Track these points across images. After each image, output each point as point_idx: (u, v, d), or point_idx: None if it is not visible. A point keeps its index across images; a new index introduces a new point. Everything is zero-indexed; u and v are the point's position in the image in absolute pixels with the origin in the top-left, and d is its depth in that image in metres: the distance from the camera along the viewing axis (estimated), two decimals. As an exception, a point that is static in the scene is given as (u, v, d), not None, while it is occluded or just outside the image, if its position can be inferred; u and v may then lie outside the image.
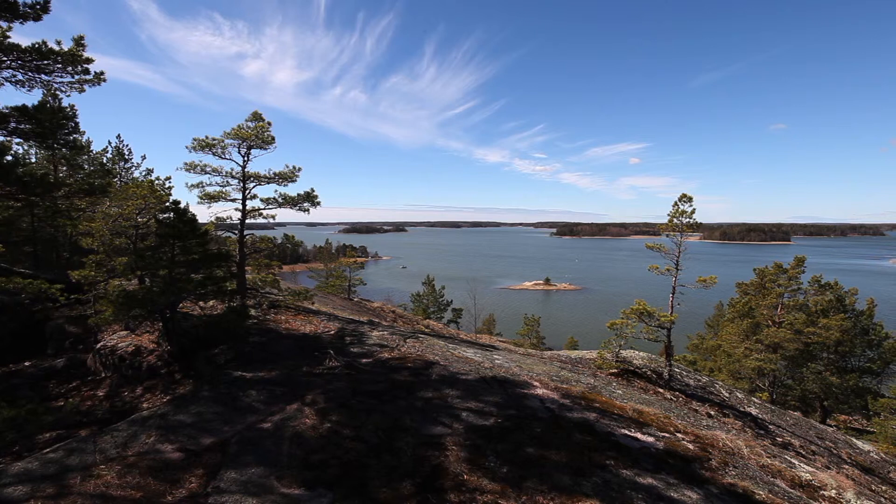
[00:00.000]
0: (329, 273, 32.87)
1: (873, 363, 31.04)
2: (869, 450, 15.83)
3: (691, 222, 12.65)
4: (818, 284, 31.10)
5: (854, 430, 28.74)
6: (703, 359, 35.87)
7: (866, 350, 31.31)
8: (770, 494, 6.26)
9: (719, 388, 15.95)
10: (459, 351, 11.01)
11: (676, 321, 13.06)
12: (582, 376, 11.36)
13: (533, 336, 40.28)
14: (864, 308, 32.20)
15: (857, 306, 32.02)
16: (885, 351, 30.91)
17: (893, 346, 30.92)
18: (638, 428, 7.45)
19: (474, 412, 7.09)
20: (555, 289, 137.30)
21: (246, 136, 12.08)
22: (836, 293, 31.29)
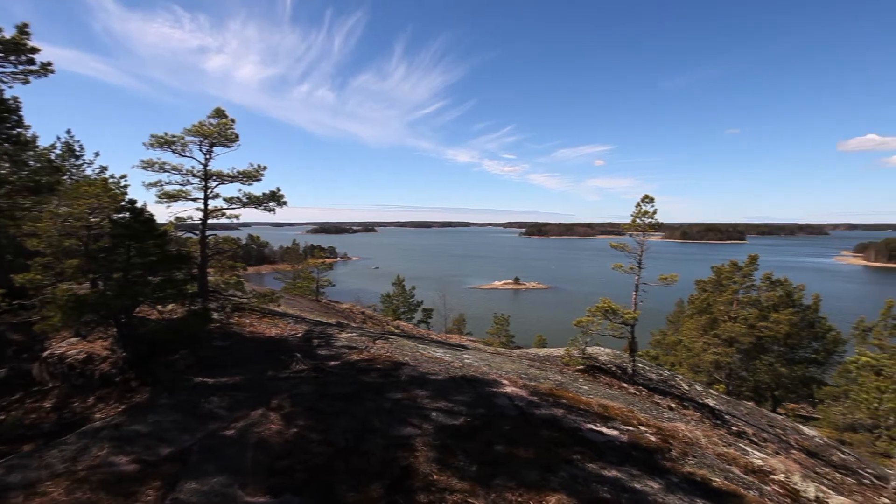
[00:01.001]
0: (296, 274, 32.18)
1: (818, 354, 33.10)
2: (814, 435, 16.85)
3: (653, 222, 13.11)
4: (769, 281, 32.88)
5: (801, 417, 30.50)
6: (665, 353, 37.23)
7: (812, 342, 33.37)
8: (725, 481, 6.56)
9: (680, 381, 16.58)
10: (429, 351, 11.00)
11: (640, 318, 13.50)
12: (550, 373, 11.57)
13: (502, 335, 40.72)
14: (810, 303, 34.27)
15: (804, 301, 34.06)
16: (828, 343, 33.00)
17: (836, 338, 33.04)
18: (603, 422, 7.66)
19: (444, 412, 7.11)
20: (524, 288, 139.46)
21: (208, 133, 11.66)
22: (786, 289, 33.19)
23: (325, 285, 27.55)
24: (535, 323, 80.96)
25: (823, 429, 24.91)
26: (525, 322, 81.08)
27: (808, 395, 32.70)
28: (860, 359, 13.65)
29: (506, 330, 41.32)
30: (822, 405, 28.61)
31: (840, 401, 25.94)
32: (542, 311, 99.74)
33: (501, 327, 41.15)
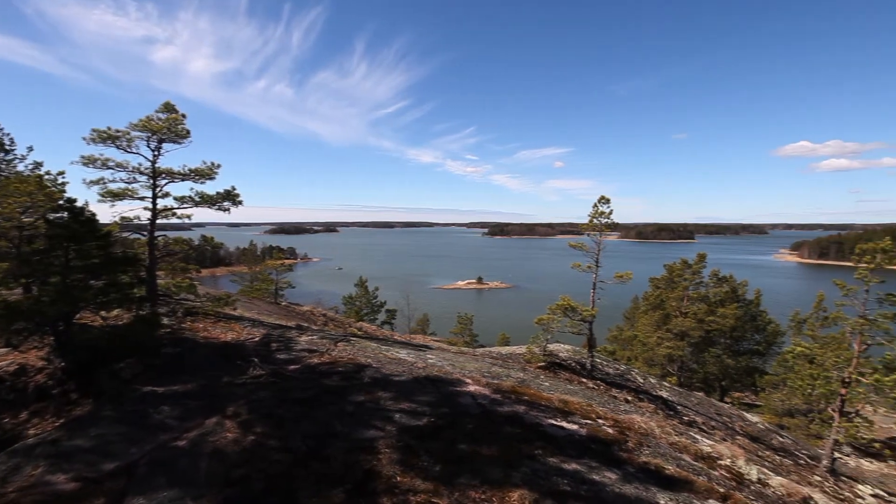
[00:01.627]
0: (254, 276, 31.06)
1: (760, 345, 35.40)
2: (756, 421, 17.99)
3: (609, 222, 13.58)
4: (716, 278, 34.85)
5: (745, 404, 32.48)
6: (622, 348, 38.68)
7: (755, 334, 35.66)
8: (677, 468, 6.88)
9: (635, 374, 17.26)
10: (392, 352, 10.92)
11: (597, 315, 13.96)
12: (512, 371, 11.75)
13: (466, 334, 41.00)
14: (752, 298, 36.59)
15: (747, 296, 36.33)
16: (769, 334, 35.34)
17: (775, 330, 35.42)
18: (563, 417, 7.85)
19: (407, 413, 7.07)
20: (487, 287, 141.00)
21: (156, 128, 11.06)
22: (731, 285, 35.27)
23: (284, 287, 26.75)
24: (499, 322, 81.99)
25: (765, 415, 26.65)
26: (488, 321, 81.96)
27: (751, 384, 34.91)
28: (796, 349, 14.71)
29: (469, 329, 41.63)
30: (763, 393, 30.59)
31: (779, 388, 27.81)
32: (504, 310, 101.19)
33: (465, 327, 41.42)
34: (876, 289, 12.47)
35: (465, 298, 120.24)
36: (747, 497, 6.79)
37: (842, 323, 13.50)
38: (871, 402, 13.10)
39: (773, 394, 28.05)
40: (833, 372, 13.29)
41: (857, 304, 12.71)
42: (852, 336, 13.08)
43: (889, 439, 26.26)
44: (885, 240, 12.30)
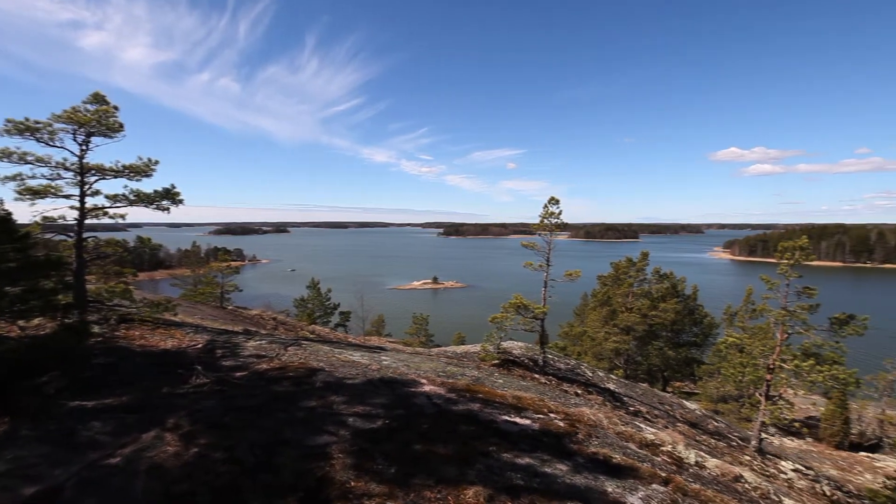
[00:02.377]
0: (197, 279, 29.46)
1: (697, 337, 37.85)
2: (694, 408, 19.20)
3: (559, 222, 14.03)
4: (658, 275, 36.89)
5: (685, 393, 34.63)
6: (572, 344, 40.07)
7: (692, 327, 38.10)
8: (624, 456, 7.21)
9: (584, 369, 17.94)
10: (346, 355, 10.71)
11: (549, 312, 14.38)
12: (467, 369, 11.87)
13: (422, 334, 40.97)
14: (690, 293, 39.06)
15: (685, 292, 38.73)
16: (705, 327, 37.86)
17: (710, 323, 37.99)
18: (517, 413, 8.02)
19: (361, 416, 6.95)
20: (442, 287, 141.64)
21: (84, 120, 10.21)
22: (671, 282, 37.47)
23: (230, 291, 25.55)
24: (454, 321, 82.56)
25: (702, 402, 28.56)
26: (444, 321, 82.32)
27: (690, 373, 37.31)
28: (728, 339, 15.85)
29: (425, 329, 41.63)
30: (700, 381, 32.77)
31: (714, 377, 29.91)
32: (460, 310, 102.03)
33: (420, 327, 41.38)
34: (795, 283, 13.69)
35: (421, 298, 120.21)
36: (686, 479, 7.23)
37: (767, 314, 14.71)
38: (791, 385, 14.35)
39: (709, 382, 30.14)
40: (760, 360, 14.44)
41: (780, 297, 13.89)
42: (776, 326, 14.28)
43: (807, 419, 28.93)
44: (802, 238, 13.52)
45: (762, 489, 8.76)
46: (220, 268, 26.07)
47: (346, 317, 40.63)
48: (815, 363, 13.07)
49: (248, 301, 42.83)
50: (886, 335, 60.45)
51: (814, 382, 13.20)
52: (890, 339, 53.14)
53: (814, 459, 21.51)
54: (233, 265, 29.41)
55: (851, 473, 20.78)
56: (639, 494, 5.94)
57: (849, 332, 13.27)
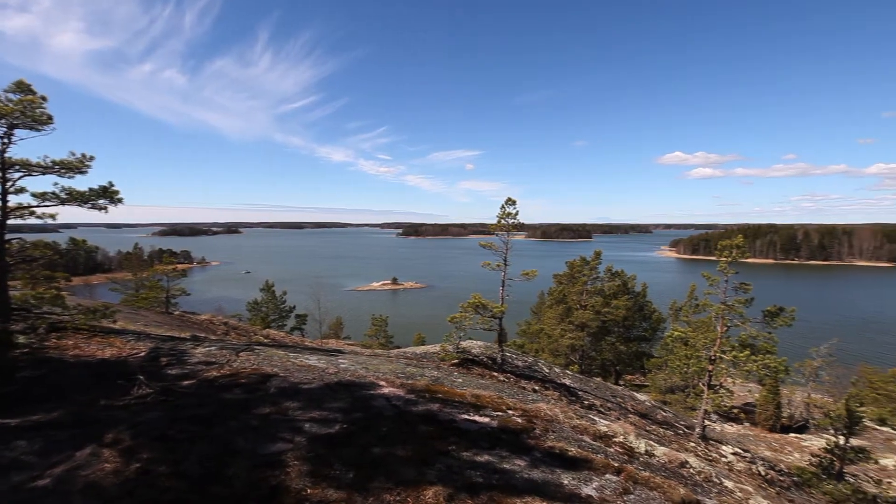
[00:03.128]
0: (139, 284, 27.69)
1: (647, 332, 39.71)
2: (644, 399, 20.13)
3: (515, 223, 14.30)
4: (610, 273, 38.39)
5: (636, 385, 36.24)
6: (530, 342, 41.00)
7: (642, 322, 39.93)
8: (579, 449, 7.44)
9: (541, 365, 18.38)
10: (302, 359, 10.41)
11: (507, 311, 14.62)
12: (426, 370, 11.85)
13: (381, 336, 40.55)
14: (640, 290, 40.91)
15: (635, 289, 40.54)
16: (653, 322, 39.74)
17: (658, 318, 39.91)
18: (476, 411, 8.09)
19: (318, 422, 6.78)
20: (402, 288, 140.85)
21: (6, 111, 9.33)
22: (622, 279, 39.10)
23: (177, 295, 24.18)
24: (414, 322, 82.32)
25: (651, 393, 29.97)
26: (404, 322, 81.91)
27: (640, 366, 39.10)
28: (674, 333, 16.73)
29: (384, 331, 41.24)
30: (650, 374, 34.37)
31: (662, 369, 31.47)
32: (420, 310, 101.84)
33: (380, 329, 40.95)
34: (733, 279, 14.65)
35: (381, 300, 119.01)
36: (637, 468, 7.55)
37: (708, 309, 15.66)
38: (730, 375, 15.34)
39: (657, 374, 31.69)
40: (703, 352, 15.33)
41: (720, 292, 14.81)
42: (716, 320, 15.22)
43: (744, 405, 31.04)
44: (738, 238, 14.49)
45: (705, 473, 9.30)
46: (165, 271, 24.61)
47: (302, 320, 39.56)
48: (750, 353, 14.05)
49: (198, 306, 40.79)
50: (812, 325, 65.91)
51: (750, 371, 14.19)
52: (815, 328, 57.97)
53: (750, 442, 23.11)
54: (179, 268, 27.84)
55: (783, 453, 22.51)
56: (593, 485, 6.14)
57: (779, 323, 14.35)
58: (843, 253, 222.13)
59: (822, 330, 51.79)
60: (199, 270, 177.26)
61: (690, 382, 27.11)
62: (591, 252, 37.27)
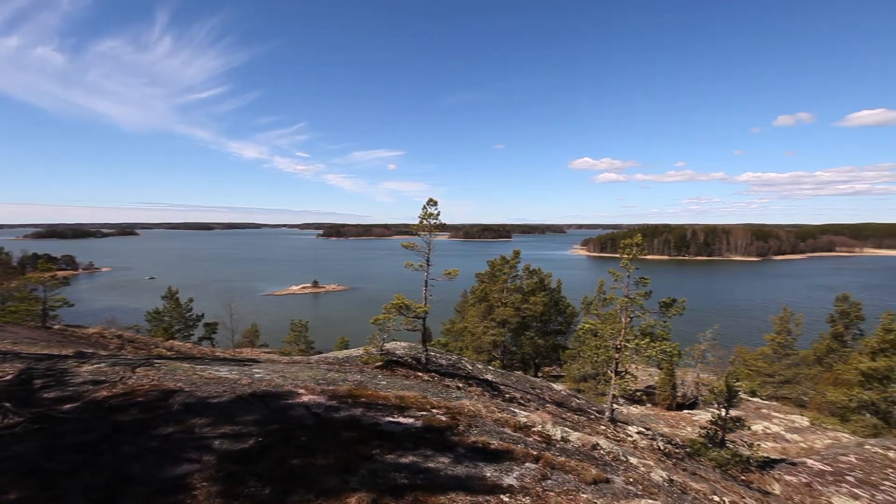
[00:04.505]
0: (6, 295, 23.78)
1: (562, 326, 42.21)
2: (560, 389, 21.37)
3: (437, 223, 14.45)
4: (529, 271, 40.30)
5: (553, 376, 38.39)
6: (454, 340, 41.72)
7: (558, 317, 42.39)
8: (500, 441, 7.69)
9: (465, 363, 18.77)
10: (211, 371, 9.63)
11: (430, 311, 14.72)
12: (349, 374, 11.55)
13: (301, 342, 38.87)
14: (555, 286, 43.39)
15: (551, 285, 42.93)
16: (568, 316, 42.35)
17: (572, 312, 42.60)
18: (400, 412, 8.03)
19: (230, 437, 6.30)
20: (324, 290, 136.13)
21: None
22: (540, 277, 41.24)
23: (58, 306, 21.13)
24: (337, 325, 79.99)
25: (567, 383, 31.94)
26: (326, 326, 79.25)
27: (556, 358, 41.52)
28: (585, 326, 18.00)
29: (304, 336, 39.58)
30: (565, 365, 36.59)
31: (576, 359, 33.66)
32: (343, 313, 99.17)
33: (299, 334, 39.21)
34: (634, 274, 16.08)
35: (300, 304, 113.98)
36: (554, 454, 7.98)
37: (614, 302, 17.03)
38: (634, 361, 16.80)
39: (572, 365, 33.83)
40: (610, 342, 16.64)
41: (623, 286, 16.19)
42: (621, 312, 16.60)
43: (646, 388, 34.22)
44: (637, 237, 15.95)
45: (614, 453, 10.09)
46: (41, 279, 21.37)
47: (212, 329, 36.64)
48: (650, 341, 15.54)
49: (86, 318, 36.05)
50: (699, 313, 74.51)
51: (650, 357, 15.68)
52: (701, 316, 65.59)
53: (652, 421, 25.56)
54: (60, 275, 24.36)
55: (678, 428, 25.17)
56: (514, 474, 6.38)
57: (673, 312, 16.04)
58: (723, 249, 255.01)
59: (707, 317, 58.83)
60: (87, 278, 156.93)
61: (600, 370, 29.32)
62: (510, 251, 38.88)
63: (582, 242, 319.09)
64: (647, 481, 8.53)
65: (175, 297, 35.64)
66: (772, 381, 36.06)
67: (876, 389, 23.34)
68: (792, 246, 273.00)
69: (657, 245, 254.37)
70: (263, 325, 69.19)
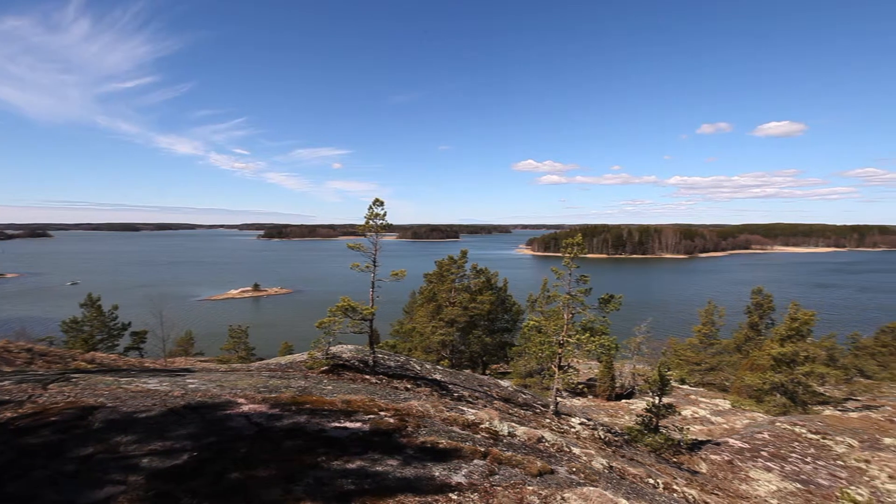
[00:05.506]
0: None
1: (508, 324, 43.18)
2: (507, 385, 21.86)
3: (384, 223, 14.30)
4: (476, 271, 40.85)
5: (500, 373, 39.21)
6: (403, 341, 41.46)
7: (504, 315, 43.33)
8: (449, 440, 7.73)
9: (413, 363, 18.71)
10: (138, 384, 8.92)
11: (378, 312, 14.52)
12: (293, 380, 11.14)
13: (241, 348, 37.02)
14: (502, 285, 44.33)
15: (498, 284, 43.82)
16: (514, 314, 43.40)
17: (518, 310, 43.70)
18: (347, 417, 7.86)
19: (160, 454, 5.87)
20: (265, 294, 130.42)
21: None
22: (487, 276, 41.95)
23: (-49, 318, 18.63)
24: (280, 330, 76.96)
25: (514, 379, 32.73)
26: (268, 331, 76.05)
27: (504, 355, 42.44)
28: (530, 323, 18.54)
29: (244, 343, 37.74)
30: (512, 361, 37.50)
31: (522, 356, 34.58)
32: (286, 317, 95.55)
33: (239, 340, 37.34)
34: (576, 272, 16.78)
35: (240, 309, 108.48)
36: (501, 449, 8.15)
37: (557, 299, 17.68)
38: (576, 355, 17.55)
39: (518, 361, 34.73)
40: (553, 337, 17.25)
41: (565, 284, 16.84)
42: (564, 308, 17.26)
43: (588, 380, 35.84)
44: (577, 236, 16.66)
45: (558, 444, 10.47)
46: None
47: (140, 338, 33.97)
48: (590, 335, 16.28)
49: (-15, 330, 32.16)
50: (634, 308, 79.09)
51: (590, 351, 16.43)
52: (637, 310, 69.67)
53: (593, 412, 26.80)
54: (-46, 284, 21.50)
55: (617, 417, 26.57)
56: (462, 472, 6.44)
57: (611, 308, 16.92)
58: (655, 248, 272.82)
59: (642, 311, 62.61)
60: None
61: (545, 365, 30.33)
62: (458, 251, 39.25)
63: (527, 242, 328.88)
64: (589, 469, 8.93)
65: (97, 304, 32.65)
66: (699, 369, 39.04)
67: (784, 372, 25.95)
68: (715, 244, 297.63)
69: (596, 244, 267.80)
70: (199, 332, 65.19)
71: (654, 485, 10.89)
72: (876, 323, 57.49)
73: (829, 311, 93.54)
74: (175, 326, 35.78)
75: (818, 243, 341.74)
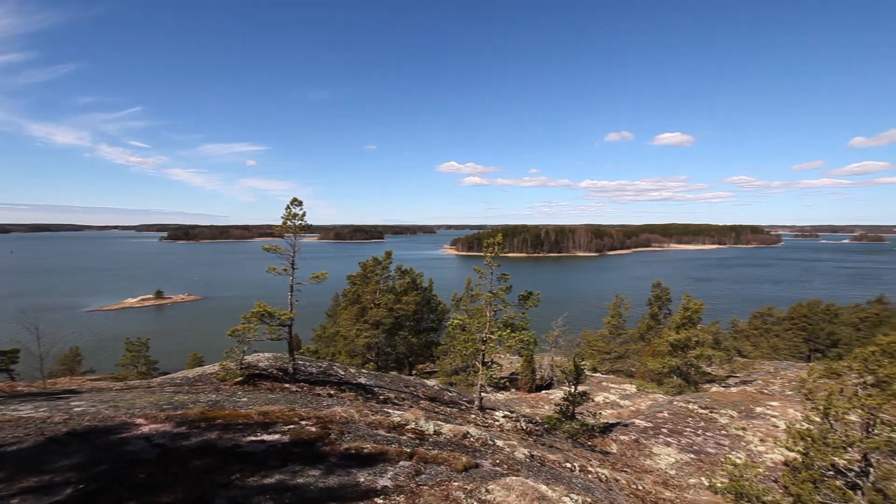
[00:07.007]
0: None
1: (434, 323, 43.52)
2: (433, 384, 22.01)
3: (303, 224, 13.68)
4: (401, 271, 40.65)
5: (426, 373, 39.36)
6: (326, 346, 40.05)
7: (430, 315, 43.61)
8: (374, 444, 7.59)
9: (337, 368, 18.15)
10: (6, 412, 7.66)
11: (298, 317, 13.86)
12: (202, 395, 10.26)
13: (140, 363, 33.38)
14: (427, 285, 44.58)
15: (423, 284, 43.99)
16: (439, 313, 43.82)
17: (443, 309, 44.18)
18: (264, 430, 7.41)
19: (36, 490, 5.09)
20: (170, 302, 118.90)
21: None
22: (412, 276, 41.93)
23: None
24: (188, 340, 70.63)
25: (440, 377, 33.02)
26: (174, 342, 69.48)
27: (430, 355, 42.68)
28: (454, 321, 18.82)
29: (145, 356, 34.06)
30: (438, 360, 37.83)
31: (448, 354, 35.02)
32: (195, 326, 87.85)
33: (138, 354, 33.63)
34: (497, 271, 17.35)
35: (140, 319, 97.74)
36: (427, 448, 8.17)
37: (480, 298, 18.15)
38: (498, 351, 18.13)
39: (444, 360, 35.11)
40: (477, 335, 17.68)
41: (487, 282, 17.34)
42: (486, 306, 17.76)
43: (510, 374, 37.25)
44: (498, 236, 17.25)
45: (483, 438, 10.75)
46: None
47: (10, 358, 29.21)
48: (511, 331, 16.92)
49: None
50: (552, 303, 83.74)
51: (511, 346, 17.08)
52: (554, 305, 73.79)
53: (515, 404, 27.89)
54: None
55: (538, 408, 27.90)
56: (388, 475, 6.36)
57: (530, 304, 17.72)
58: (570, 246, 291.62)
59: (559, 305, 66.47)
60: None
61: (469, 363, 31.01)
62: (383, 252, 38.77)
63: (451, 242, 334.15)
64: (512, 460, 9.27)
65: (-50, 321, 27.46)
66: (609, 357, 42.36)
67: (679, 356, 29.05)
68: (621, 242, 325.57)
69: (516, 244, 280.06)
70: (89, 346, 57.68)
71: (572, 468, 11.59)
72: (749, 310, 66.42)
73: (713, 300, 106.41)
74: (57, 342, 31.29)
75: (705, 241, 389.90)
